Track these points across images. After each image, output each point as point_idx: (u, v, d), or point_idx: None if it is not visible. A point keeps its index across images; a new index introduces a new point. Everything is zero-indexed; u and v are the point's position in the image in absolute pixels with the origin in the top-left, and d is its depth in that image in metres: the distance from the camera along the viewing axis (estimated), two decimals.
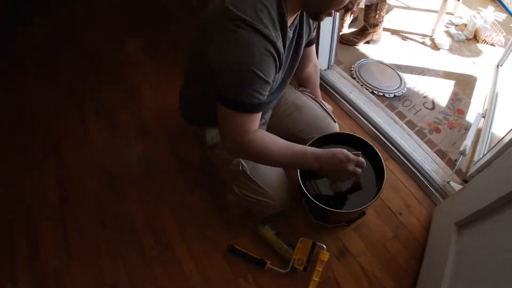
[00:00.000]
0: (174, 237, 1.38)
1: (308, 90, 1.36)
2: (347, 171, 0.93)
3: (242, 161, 1.13)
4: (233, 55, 0.75)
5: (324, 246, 1.21)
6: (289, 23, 0.84)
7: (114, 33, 2.37)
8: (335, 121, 1.31)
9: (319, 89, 1.39)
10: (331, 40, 1.56)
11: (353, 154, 0.94)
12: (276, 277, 1.24)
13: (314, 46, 1.22)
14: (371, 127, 1.52)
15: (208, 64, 0.82)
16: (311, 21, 1.01)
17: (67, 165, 1.71)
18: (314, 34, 1.13)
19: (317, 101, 1.32)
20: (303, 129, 1.27)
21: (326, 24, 1.48)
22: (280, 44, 0.79)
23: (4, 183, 1.72)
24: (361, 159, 0.95)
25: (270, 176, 1.16)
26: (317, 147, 1.19)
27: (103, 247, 1.41)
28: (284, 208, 1.26)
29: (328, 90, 1.66)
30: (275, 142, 0.91)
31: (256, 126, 0.88)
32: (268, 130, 1.30)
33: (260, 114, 0.87)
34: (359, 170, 0.95)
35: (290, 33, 0.86)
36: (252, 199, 1.17)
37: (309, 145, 1.13)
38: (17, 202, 1.63)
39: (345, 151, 0.94)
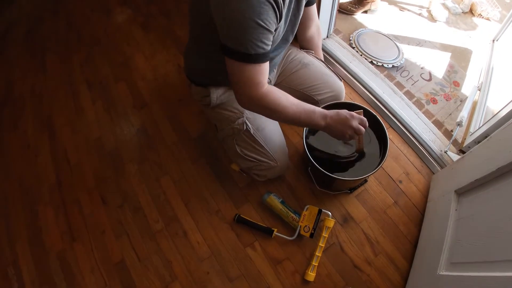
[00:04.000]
0: (179, 210, 1.39)
1: (312, 52, 1.36)
2: (351, 127, 0.97)
3: (246, 120, 1.15)
4: (232, 6, 0.76)
5: (329, 213, 1.24)
6: None
7: (102, 4, 2.26)
8: (341, 80, 1.32)
9: (321, 50, 1.40)
10: (332, 8, 1.53)
11: (356, 112, 0.99)
12: (283, 244, 1.27)
13: (315, 6, 1.20)
14: (371, 96, 1.53)
15: (210, 16, 0.82)
16: None
17: (62, 143, 1.67)
18: None
19: (322, 61, 1.33)
20: (312, 86, 1.28)
21: None
22: None
23: None
24: (364, 118, 0.99)
25: (272, 138, 1.19)
26: None
27: (107, 225, 1.41)
28: (283, 171, 1.29)
29: (328, 59, 1.65)
30: (287, 98, 0.94)
31: (266, 79, 0.90)
32: None
33: (267, 65, 0.88)
34: (362, 128, 0.98)
35: None
36: (254, 159, 1.19)
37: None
38: (13, 186, 1.59)
39: (348, 111, 0.98)
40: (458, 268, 0.91)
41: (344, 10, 1.94)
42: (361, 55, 1.68)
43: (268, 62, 0.88)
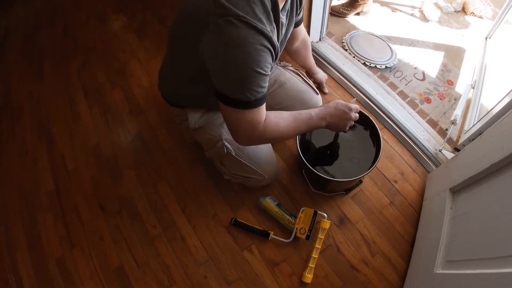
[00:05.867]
0: (176, 215, 1.39)
1: (290, 65, 1.38)
2: (351, 119, 0.99)
3: (226, 143, 1.13)
4: (230, 56, 0.71)
5: (325, 215, 1.25)
6: (280, 7, 0.80)
7: (98, 11, 2.28)
8: (317, 93, 1.34)
9: (311, 59, 1.43)
10: (323, 12, 1.54)
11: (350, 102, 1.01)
12: (280, 246, 1.28)
13: (302, 25, 1.21)
14: (364, 98, 1.54)
15: (199, 56, 0.78)
16: (298, 2, 0.97)
17: (59, 150, 1.68)
18: (301, 15, 1.11)
19: (299, 75, 1.34)
20: (287, 106, 1.29)
21: None
22: (275, 37, 0.76)
23: None
24: (356, 105, 1.01)
25: (256, 153, 1.18)
26: None
27: (105, 231, 1.41)
28: (274, 180, 1.32)
29: (321, 62, 1.66)
30: (284, 119, 0.91)
31: (265, 113, 0.86)
32: None
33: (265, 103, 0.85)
34: (357, 115, 1.01)
35: (283, 19, 0.83)
36: (241, 177, 1.21)
37: None
38: (11, 193, 1.60)
39: (343, 101, 0.99)
40: (454, 266, 0.91)
41: (336, 13, 1.95)
42: (354, 57, 1.70)
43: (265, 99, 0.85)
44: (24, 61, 2.14)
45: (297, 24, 1.12)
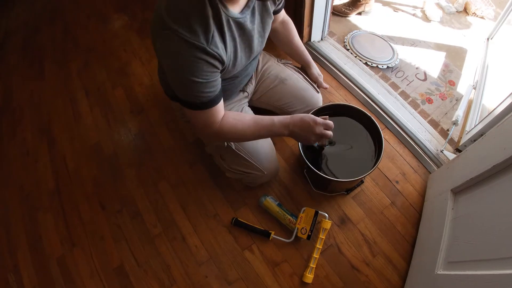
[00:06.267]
0: (177, 214, 1.39)
1: (290, 62, 1.37)
2: (315, 133, 0.97)
3: None
4: (169, 64, 0.80)
5: (326, 215, 1.25)
6: (237, 9, 0.83)
7: (98, 11, 2.28)
8: (318, 92, 1.34)
9: (298, 47, 1.30)
10: (325, 11, 1.54)
11: (320, 117, 0.99)
12: (281, 246, 1.28)
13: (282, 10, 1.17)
14: (366, 97, 1.53)
15: None
16: None
17: (60, 150, 1.68)
18: (281, 4, 1.09)
19: (299, 72, 1.34)
20: (288, 102, 1.30)
21: None
22: (213, 46, 0.78)
23: None
24: (329, 122, 0.99)
25: (256, 149, 1.19)
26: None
27: (106, 230, 1.42)
28: (273, 176, 1.31)
29: (322, 61, 1.66)
30: (243, 122, 0.96)
31: (221, 114, 0.92)
32: (253, 104, 1.34)
33: (220, 105, 0.90)
34: (328, 132, 0.98)
35: (243, 17, 0.85)
36: (241, 172, 1.20)
37: (313, 112, 1.17)
38: (12, 192, 1.60)
39: (312, 115, 0.98)
40: (455, 267, 0.91)
41: (338, 12, 1.95)
42: (355, 56, 1.69)
43: (221, 101, 0.90)
44: (25, 61, 2.14)
45: (275, 12, 1.09)
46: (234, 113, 0.96)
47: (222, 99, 0.91)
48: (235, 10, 0.82)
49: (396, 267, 1.22)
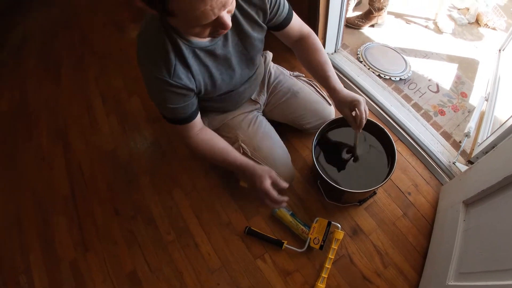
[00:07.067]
0: (190, 222, 1.41)
1: (303, 75, 1.38)
2: (258, 196, 1.02)
3: (242, 143, 1.19)
4: (146, 86, 0.89)
5: (339, 225, 1.26)
6: (205, 39, 0.84)
7: (115, 19, 2.32)
8: (330, 104, 1.35)
9: (327, 70, 1.07)
10: (339, 23, 1.56)
11: (283, 197, 1.00)
12: (293, 256, 1.28)
13: (295, 20, 1.03)
14: (379, 109, 1.55)
15: None
16: (270, 7, 0.91)
17: (76, 155, 1.71)
18: (283, 15, 0.97)
19: (312, 85, 1.35)
20: (300, 115, 1.33)
21: (334, 6, 1.47)
22: (176, 78, 0.83)
23: (11, 176, 1.72)
24: (278, 199, 0.98)
25: (271, 155, 1.21)
26: (331, 129, 1.24)
27: (119, 236, 1.43)
28: (289, 183, 1.29)
29: (336, 73, 1.67)
30: (212, 149, 1.03)
31: (195, 129, 1.00)
32: (266, 116, 1.35)
33: (195, 120, 0.97)
34: (267, 201, 1.00)
35: (211, 45, 0.86)
36: None
37: (325, 125, 1.19)
38: (26, 196, 1.63)
39: (268, 183, 0.97)
40: (467, 278, 0.91)
41: (351, 25, 1.97)
42: (368, 68, 1.71)
43: (196, 118, 0.97)
44: (41, 66, 2.18)
45: (283, 26, 1.01)
46: (208, 137, 1.03)
47: (198, 116, 0.98)
48: (203, 40, 0.84)
49: (407, 278, 1.22)
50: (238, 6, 0.85)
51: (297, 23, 1.05)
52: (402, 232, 1.30)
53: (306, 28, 1.09)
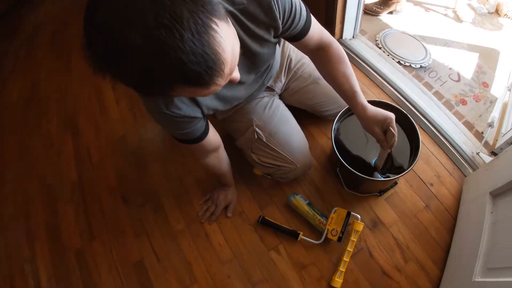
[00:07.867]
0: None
1: None
2: (211, 198, 1.35)
3: (256, 128, 1.15)
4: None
5: (359, 216, 1.19)
6: None
7: None
8: None
9: (358, 87, 0.97)
10: (358, 8, 1.51)
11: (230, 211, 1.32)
12: (309, 248, 1.23)
13: (314, 29, 0.89)
14: (400, 96, 1.48)
15: None
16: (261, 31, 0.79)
17: (85, 142, 1.67)
18: (298, 28, 0.84)
19: None
20: (319, 102, 1.29)
21: None
22: (174, 108, 0.79)
23: (20, 163, 1.68)
24: (211, 217, 1.32)
25: (288, 140, 1.16)
26: (351, 114, 1.20)
27: (127, 224, 1.39)
28: (306, 171, 1.27)
29: (354, 59, 1.62)
30: (220, 168, 1.17)
31: (207, 149, 1.00)
32: (285, 100, 1.31)
33: (205, 140, 0.94)
34: (207, 212, 1.32)
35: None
36: (272, 165, 1.17)
37: (344, 110, 1.15)
38: (34, 184, 1.59)
39: (222, 205, 1.32)
40: (496, 274, 0.86)
41: (369, 11, 1.92)
42: (388, 55, 1.65)
43: (205, 138, 0.94)
44: (52, 55, 2.15)
45: (299, 37, 0.89)
46: (221, 157, 1.13)
47: (210, 135, 0.95)
48: None
49: (428, 274, 1.16)
50: (244, 27, 0.75)
51: (316, 33, 0.90)
52: (424, 225, 1.24)
53: (327, 37, 0.94)
